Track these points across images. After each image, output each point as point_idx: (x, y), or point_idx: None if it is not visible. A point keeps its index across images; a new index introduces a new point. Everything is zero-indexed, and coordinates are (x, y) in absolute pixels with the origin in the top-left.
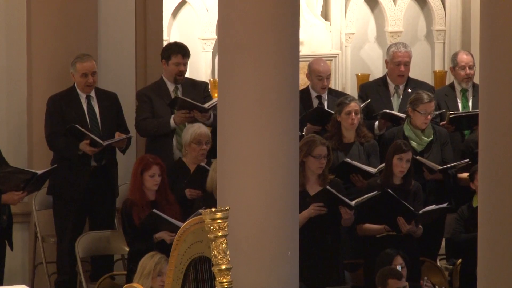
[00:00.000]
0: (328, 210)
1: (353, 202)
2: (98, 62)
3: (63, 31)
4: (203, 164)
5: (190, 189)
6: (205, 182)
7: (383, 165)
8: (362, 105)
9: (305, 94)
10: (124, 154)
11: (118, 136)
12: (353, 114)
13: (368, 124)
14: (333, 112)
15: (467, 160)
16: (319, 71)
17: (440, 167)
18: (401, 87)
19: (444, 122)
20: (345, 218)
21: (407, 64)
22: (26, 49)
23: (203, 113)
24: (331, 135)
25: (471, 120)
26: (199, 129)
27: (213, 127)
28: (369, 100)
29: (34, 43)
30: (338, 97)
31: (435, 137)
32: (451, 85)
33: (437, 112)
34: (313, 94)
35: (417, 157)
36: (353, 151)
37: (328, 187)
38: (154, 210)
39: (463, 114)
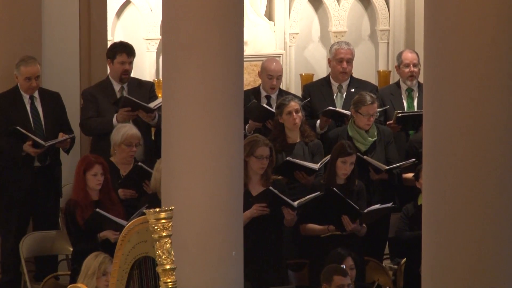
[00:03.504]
0: (271, 210)
1: (295, 203)
2: (42, 62)
3: (6, 31)
4: (141, 164)
5: (123, 189)
6: (140, 182)
7: (326, 158)
8: (302, 103)
9: (255, 93)
10: (68, 154)
11: (61, 136)
12: (294, 113)
13: (311, 123)
14: (271, 109)
15: (413, 159)
16: (270, 69)
17: (387, 167)
18: (344, 86)
19: (391, 122)
20: (287, 218)
21: (349, 61)
22: None
23: (148, 113)
24: (275, 137)
25: (417, 120)
26: (131, 130)
27: (158, 127)
28: (308, 99)
29: None
30: None
31: (379, 137)
32: (397, 84)
33: (380, 110)
34: (263, 94)
35: (364, 156)
36: (297, 151)
37: (271, 187)
38: (98, 210)
39: (410, 113)
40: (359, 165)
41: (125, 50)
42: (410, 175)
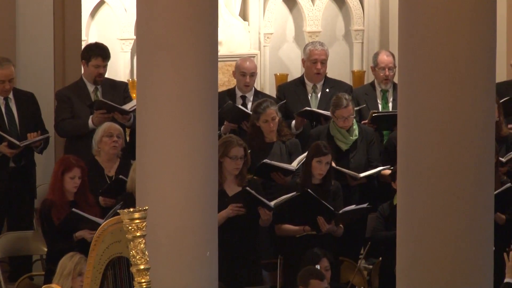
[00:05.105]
0: (247, 210)
1: (272, 203)
2: (16, 63)
3: None
4: (121, 176)
5: (104, 197)
6: (121, 193)
7: (302, 156)
8: (277, 105)
9: (230, 94)
10: (42, 154)
11: (37, 135)
12: (271, 121)
13: (286, 124)
14: (247, 110)
15: (389, 166)
16: (243, 67)
17: (360, 175)
18: (319, 86)
19: (366, 121)
20: (263, 219)
21: (323, 62)
22: None
23: (123, 115)
24: (253, 136)
25: (391, 120)
26: (109, 123)
27: (133, 129)
28: (284, 101)
29: None
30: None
31: (361, 136)
32: (372, 84)
33: (357, 108)
34: (238, 94)
35: (337, 167)
36: (275, 150)
37: (248, 188)
38: (74, 209)
39: (385, 113)
40: (336, 171)
41: (100, 53)
42: (388, 171)
